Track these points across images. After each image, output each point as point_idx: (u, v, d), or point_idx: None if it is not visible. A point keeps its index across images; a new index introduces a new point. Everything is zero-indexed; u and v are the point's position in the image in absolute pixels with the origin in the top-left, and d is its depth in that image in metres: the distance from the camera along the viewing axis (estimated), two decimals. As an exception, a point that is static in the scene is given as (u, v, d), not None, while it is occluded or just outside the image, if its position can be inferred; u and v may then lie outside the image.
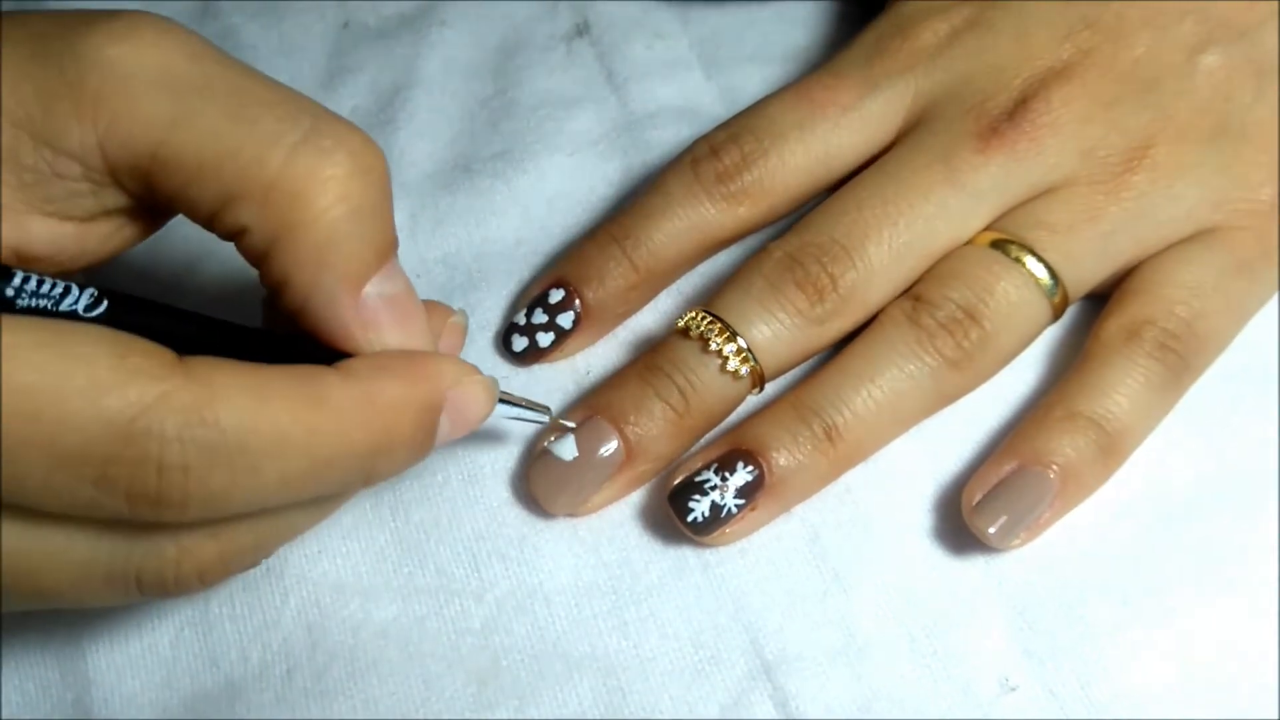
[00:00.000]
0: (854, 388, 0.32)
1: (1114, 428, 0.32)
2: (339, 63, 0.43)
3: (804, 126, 0.35)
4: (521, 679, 0.31)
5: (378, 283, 0.26)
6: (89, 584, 0.25)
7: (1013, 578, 0.32)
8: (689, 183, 0.35)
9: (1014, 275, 0.33)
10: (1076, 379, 0.33)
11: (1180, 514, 0.33)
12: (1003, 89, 0.35)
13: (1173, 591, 0.32)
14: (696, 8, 0.44)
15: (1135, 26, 0.35)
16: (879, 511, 0.33)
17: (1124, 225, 0.34)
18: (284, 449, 0.23)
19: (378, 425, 0.25)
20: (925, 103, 0.35)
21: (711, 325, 0.33)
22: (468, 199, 0.40)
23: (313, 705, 0.31)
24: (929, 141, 0.34)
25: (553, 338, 0.35)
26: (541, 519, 0.33)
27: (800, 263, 0.33)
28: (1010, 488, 0.32)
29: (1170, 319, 0.33)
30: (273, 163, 0.24)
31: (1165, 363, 0.33)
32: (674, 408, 0.32)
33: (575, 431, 0.32)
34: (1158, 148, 0.34)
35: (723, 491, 0.31)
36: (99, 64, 0.24)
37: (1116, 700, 0.30)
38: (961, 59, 0.35)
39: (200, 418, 0.22)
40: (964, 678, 0.30)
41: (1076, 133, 0.34)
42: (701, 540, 0.32)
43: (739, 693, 0.30)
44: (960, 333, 0.32)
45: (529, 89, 0.43)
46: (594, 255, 0.35)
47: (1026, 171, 0.34)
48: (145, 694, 0.31)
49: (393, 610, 0.32)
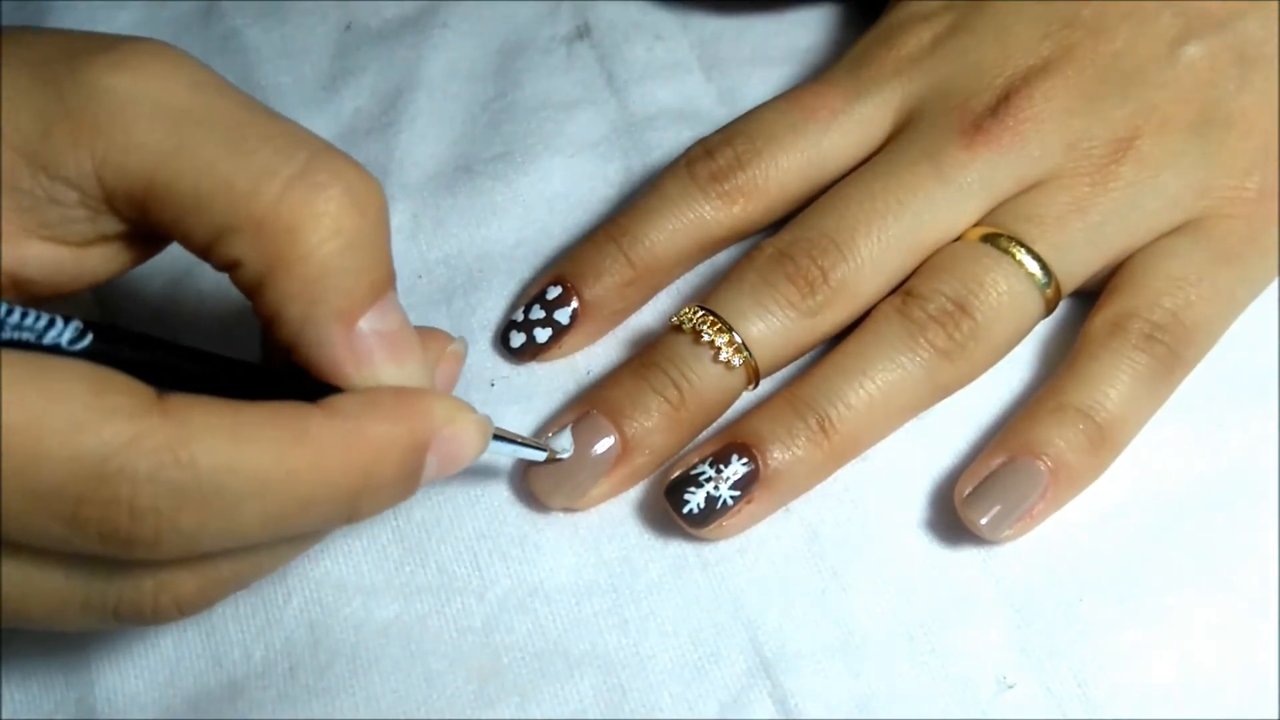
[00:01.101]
0: (848, 381, 0.32)
1: (1103, 419, 0.32)
2: (341, 64, 0.43)
3: (796, 129, 0.36)
4: (522, 677, 0.31)
5: (372, 318, 0.25)
6: (66, 613, 0.24)
7: (1011, 576, 0.32)
8: (684, 183, 0.36)
9: (1004, 267, 0.33)
10: (1066, 373, 0.33)
11: (1179, 513, 0.33)
12: (985, 87, 0.35)
13: (1171, 590, 0.32)
14: (697, 10, 0.44)
15: (1114, 21, 0.35)
16: (877, 510, 0.33)
17: (1112, 216, 0.34)
18: (262, 489, 0.23)
19: (361, 465, 0.24)
20: (912, 105, 0.36)
21: (705, 320, 0.33)
22: (469, 200, 0.40)
23: (315, 703, 0.31)
24: (916, 141, 0.35)
25: (550, 334, 0.35)
26: (542, 517, 0.33)
27: (791, 257, 0.33)
28: (1001, 479, 0.32)
29: (1155, 311, 0.33)
30: (266, 196, 0.24)
31: (1153, 354, 0.33)
32: (670, 402, 0.33)
33: (573, 427, 0.33)
34: (1142, 138, 0.35)
35: (717, 484, 0.32)
36: (98, 92, 0.24)
37: (1114, 699, 0.30)
38: (944, 62, 0.36)
39: (175, 459, 0.22)
40: (962, 676, 0.31)
41: (1060, 125, 0.35)
42: (698, 533, 0.32)
43: (738, 690, 0.31)
44: (951, 324, 0.33)
45: (530, 91, 0.43)
46: (591, 253, 0.36)
47: (1012, 165, 0.34)
48: (148, 693, 0.31)
49: (394, 608, 0.32)
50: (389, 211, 0.26)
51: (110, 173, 0.24)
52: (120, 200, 0.24)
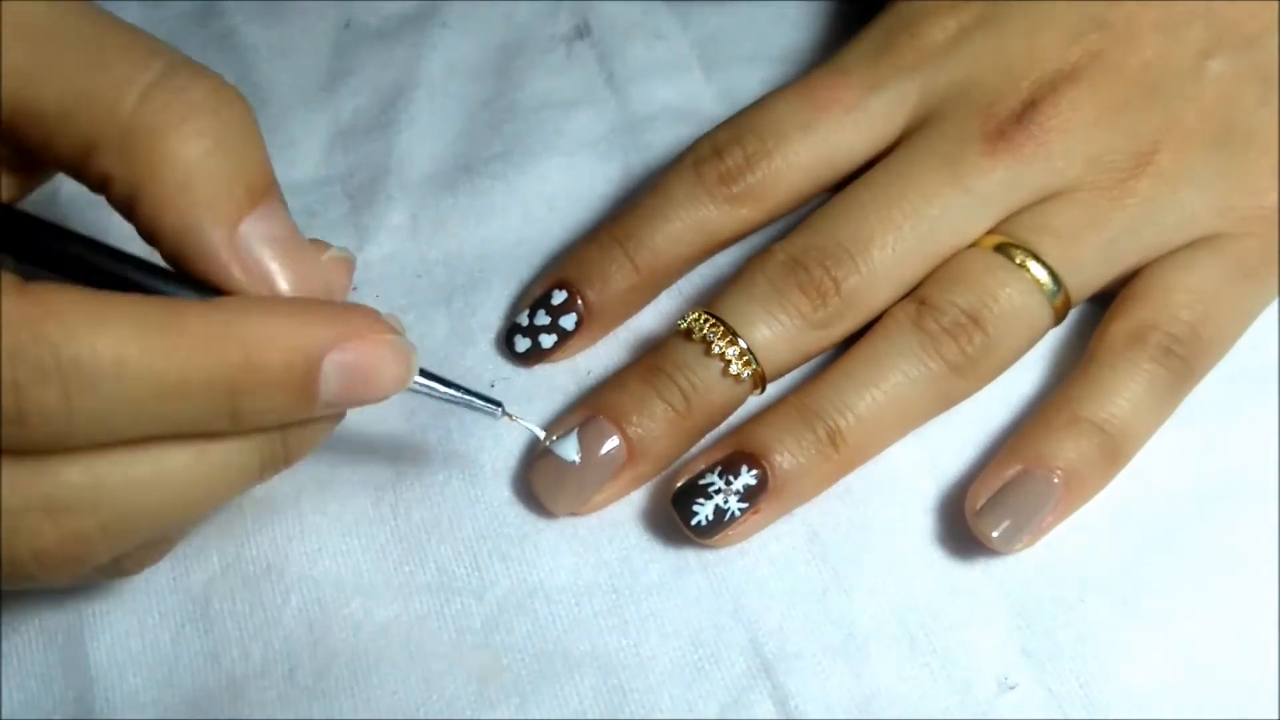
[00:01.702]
0: (857, 391, 0.32)
1: (1117, 431, 0.32)
2: (340, 63, 0.43)
3: (807, 127, 0.35)
4: (522, 678, 0.31)
5: (254, 222, 0.25)
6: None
7: (1012, 577, 0.32)
8: (691, 184, 0.35)
9: (1018, 281, 0.33)
10: (1080, 382, 0.33)
11: (1180, 514, 0.33)
12: (1011, 91, 0.34)
13: (1172, 591, 0.32)
14: (696, 9, 0.44)
15: (1145, 29, 0.35)
16: (879, 511, 0.33)
17: (1128, 231, 0.34)
18: (120, 371, 0.22)
19: (236, 358, 0.23)
20: (932, 102, 0.35)
21: (715, 329, 0.33)
22: (468, 199, 0.40)
23: (314, 704, 0.31)
24: (935, 143, 0.34)
25: (555, 339, 0.35)
26: (542, 518, 0.33)
27: (804, 265, 0.33)
28: (1014, 492, 0.32)
29: (1175, 323, 0.33)
30: (126, 105, 0.23)
31: (1169, 367, 0.33)
32: (675, 409, 0.32)
33: (578, 432, 0.32)
34: (1163, 153, 0.34)
35: (726, 495, 0.32)
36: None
37: (1115, 700, 0.30)
38: (970, 59, 0.35)
39: (31, 335, 0.21)
40: (963, 677, 0.31)
41: (1084, 137, 0.34)
42: (704, 543, 0.32)
43: (739, 691, 0.31)
44: (964, 338, 0.32)
45: (529, 90, 0.43)
46: (596, 256, 0.35)
47: (1033, 176, 0.34)
48: (147, 692, 0.31)
49: (394, 609, 0.32)
50: (256, 116, 0.25)
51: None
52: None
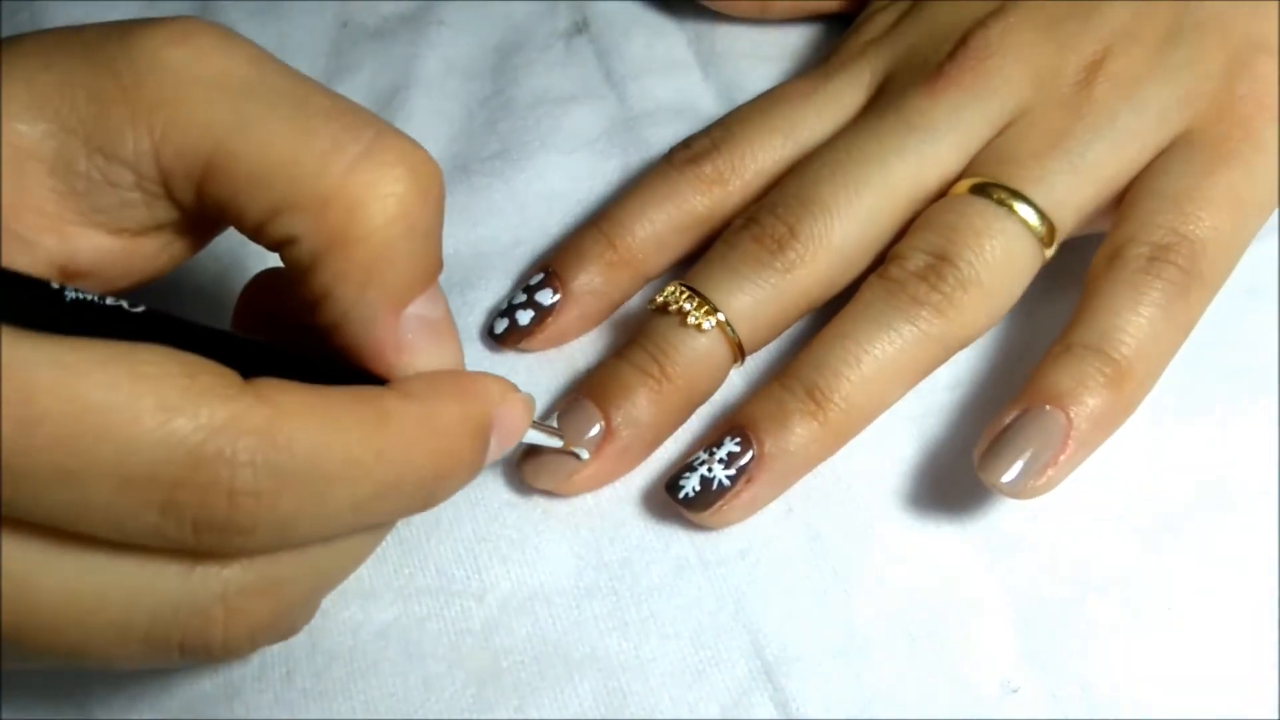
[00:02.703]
0: (832, 350, 0.32)
1: (1120, 353, 0.30)
2: (337, 62, 0.43)
3: (769, 112, 0.37)
4: (522, 680, 0.31)
5: (419, 305, 0.25)
6: (127, 643, 0.23)
7: (1014, 579, 0.32)
8: (663, 169, 0.37)
9: (985, 211, 0.32)
10: (1073, 317, 0.32)
11: (1181, 515, 0.33)
12: (945, 41, 0.35)
13: (1173, 592, 0.32)
14: (695, 6, 0.44)
15: None
16: (880, 512, 0.33)
17: (1092, 141, 0.33)
18: (354, 472, 0.22)
19: (440, 447, 0.24)
20: (881, 78, 0.37)
21: (677, 293, 0.33)
22: (466, 198, 0.40)
23: (312, 706, 0.30)
24: (882, 102, 0.36)
25: (532, 315, 0.35)
26: (542, 520, 0.33)
27: (756, 220, 0.34)
28: (1016, 431, 0.30)
29: (1153, 231, 0.32)
30: (332, 173, 0.23)
31: (1161, 275, 0.31)
32: (651, 375, 0.32)
33: (559, 415, 0.33)
34: (1111, 58, 0.34)
35: (710, 465, 0.31)
36: (157, 68, 0.23)
37: (1118, 702, 0.30)
38: (907, 35, 0.37)
39: (273, 441, 0.21)
40: (965, 679, 0.30)
41: (1022, 57, 0.34)
42: (700, 519, 0.32)
43: (739, 693, 0.30)
44: (934, 275, 0.32)
45: (527, 87, 0.43)
46: (573, 239, 0.36)
47: (979, 104, 0.34)
48: (145, 695, 0.31)
49: (393, 611, 0.32)
50: None
51: (169, 150, 0.23)
52: (178, 180, 0.24)
